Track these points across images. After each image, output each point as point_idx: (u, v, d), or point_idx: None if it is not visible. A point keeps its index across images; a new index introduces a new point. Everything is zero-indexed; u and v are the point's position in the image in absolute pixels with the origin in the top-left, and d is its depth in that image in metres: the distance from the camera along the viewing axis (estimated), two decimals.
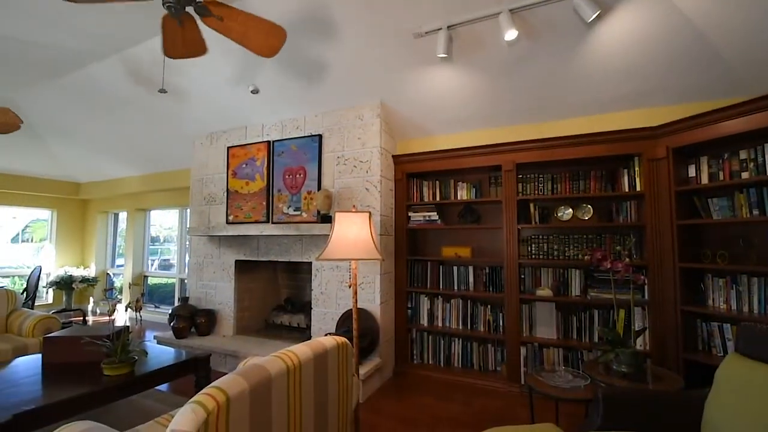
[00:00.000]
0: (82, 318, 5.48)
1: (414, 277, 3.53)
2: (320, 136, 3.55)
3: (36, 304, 5.16)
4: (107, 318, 5.86)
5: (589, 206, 3.01)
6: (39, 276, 5.01)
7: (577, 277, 2.99)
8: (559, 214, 3.07)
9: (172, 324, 3.78)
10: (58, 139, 5.30)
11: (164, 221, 6.45)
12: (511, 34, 2.31)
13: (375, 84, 3.14)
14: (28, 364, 2.34)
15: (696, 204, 2.60)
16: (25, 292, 4.96)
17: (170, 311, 3.94)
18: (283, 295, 4.48)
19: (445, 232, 3.62)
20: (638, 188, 2.79)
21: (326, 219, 3.31)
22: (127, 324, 3.73)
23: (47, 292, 6.23)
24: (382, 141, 3.33)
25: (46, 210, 6.44)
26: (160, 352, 2.55)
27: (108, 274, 6.64)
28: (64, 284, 5.79)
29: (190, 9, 1.78)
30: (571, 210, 3.04)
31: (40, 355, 2.48)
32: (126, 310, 5.35)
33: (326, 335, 1.75)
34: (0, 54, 3.38)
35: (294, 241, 3.61)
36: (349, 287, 3.18)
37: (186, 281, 5.51)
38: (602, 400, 1.66)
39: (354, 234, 1.99)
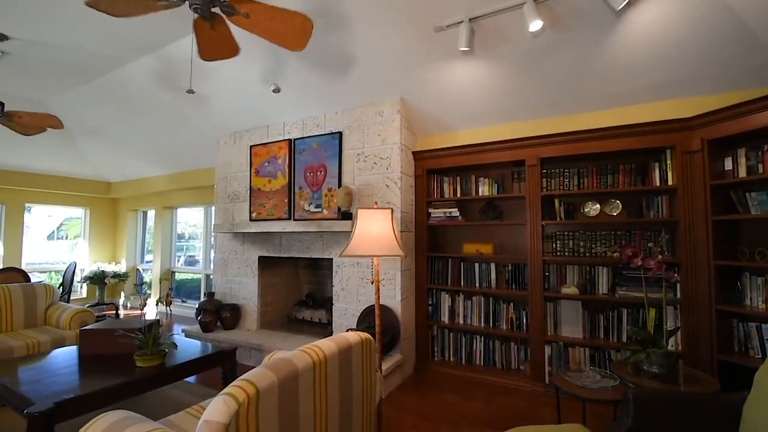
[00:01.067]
0: (114, 311, 5.71)
1: (434, 273, 3.51)
2: (340, 134, 3.56)
3: (71, 298, 5.42)
4: (138, 312, 6.10)
5: (617, 201, 2.91)
6: (74, 271, 5.25)
7: (604, 275, 2.91)
8: (585, 210, 2.99)
9: (199, 318, 3.90)
10: (90, 140, 5.52)
11: (189, 219, 6.65)
12: (535, 25, 2.25)
13: (395, 80, 3.12)
14: (66, 355, 2.45)
15: (732, 198, 2.47)
16: (61, 287, 5.21)
17: (197, 306, 4.05)
18: (304, 291, 4.54)
19: (466, 228, 3.58)
20: (670, 182, 2.68)
21: (347, 216, 3.33)
22: (158, 318, 3.86)
23: (81, 287, 6.53)
24: (402, 137, 3.32)
25: (80, 208, 6.74)
26: (188, 345, 2.63)
27: (138, 269, 6.90)
28: (97, 279, 6.06)
29: (216, 9, 1.81)
30: (598, 205, 2.95)
31: (75, 347, 2.61)
32: (156, 305, 5.55)
33: (347, 331, 1.76)
34: (36, 59, 3.55)
35: (315, 238, 3.65)
36: (371, 284, 3.19)
37: (211, 277, 5.66)
38: (633, 401, 1.61)
39: (376, 230, 1.99)
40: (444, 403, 2.77)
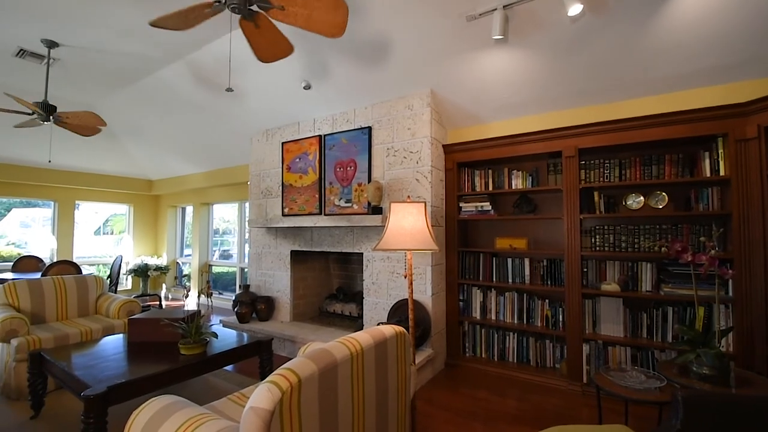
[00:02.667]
0: (158, 302, 6.03)
1: (465, 268, 3.46)
2: (370, 128, 3.57)
3: (118, 289, 5.76)
4: (179, 302, 6.41)
5: (663, 194, 2.75)
6: (120, 264, 5.57)
7: (648, 271, 2.76)
8: (628, 203, 2.84)
9: (235, 309, 4.04)
10: (132, 139, 5.82)
11: (223, 215, 6.90)
12: (575, 9, 2.15)
13: (425, 72, 3.08)
14: (115, 342, 2.61)
15: None
16: (109, 279, 5.54)
17: (233, 297, 4.20)
18: (334, 285, 4.61)
19: (499, 222, 3.50)
20: (722, 172, 2.50)
21: (377, 210, 3.33)
22: (198, 308, 4.04)
23: (127, 279, 6.93)
24: (432, 131, 3.28)
25: (124, 205, 7.14)
26: (226, 335, 2.73)
27: (177, 263, 7.24)
28: (141, 272, 6.43)
29: (254, 6, 1.84)
30: (642, 198, 2.80)
31: (122, 335, 2.77)
32: (198, 296, 5.81)
33: (378, 325, 1.77)
34: (83, 64, 3.76)
35: (345, 233, 3.69)
36: (405, 278, 3.19)
37: (246, 270, 5.86)
38: (683, 403, 1.52)
39: (410, 224, 1.98)
40: (476, 399, 2.74)
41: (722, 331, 2.05)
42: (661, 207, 2.75)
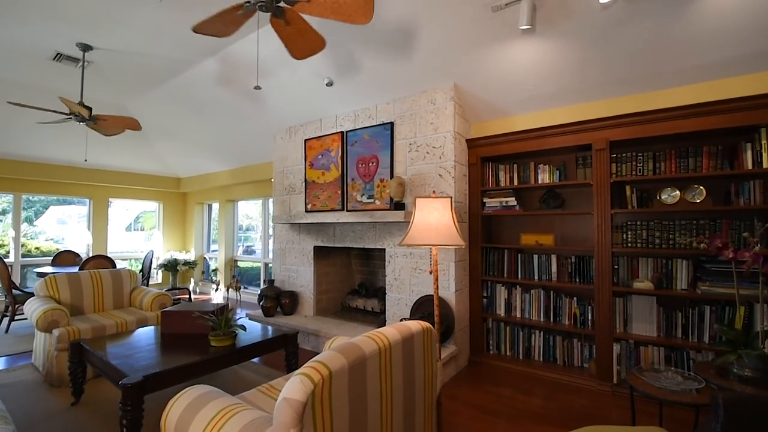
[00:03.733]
0: (188, 296, 6.24)
1: (489, 265, 3.41)
2: (392, 124, 3.55)
3: (149, 283, 5.99)
4: (206, 296, 6.61)
5: (701, 187, 2.62)
6: (152, 259, 5.78)
7: (684, 269, 2.65)
8: (663, 197, 2.73)
9: (261, 303, 4.13)
10: (162, 139, 6.01)
11: (247, 211, 7.07)
12: None
13: (448, 66, 3.04)
14: (148, 333, 2.72)
15: None
16: (141, 273, 5.77)
17: (259, 292, 4.29)
18: (356, 280, 4.64)
19: (524, 218, 3.43)
20: (766, 165, 2.36)
21: (399, 206, 3.33)
22: (227, 302, 4.15)
23: (157, 273, 7.19)
24: (456, 125, 3.23)
25: (154, 202, 7.40)
26: (253, 328, 2.79)
27: (205, 257, 7.46)
28: (171, 266, 6.66)
29: (281, 3, 1.85)
30: (678, 192, 2.68)
31: (154, 327, 2.87)
32: (227, 290, 5.98)
33: (401, 320, 1.77)
34: (115, 66, 3.91)
35: (368, 228, 3.70)
36: (430, 273, 3.17)
37: (270, 265, 5.98)
38: (724, 406, 1.45)
39: (435, 219, 1.97)
40: (501, 396, 2.71)
41: (766, 331, 1.95)
42: (698, 201, 2.62)
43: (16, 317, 4.30)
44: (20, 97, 4.06)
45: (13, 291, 4.26)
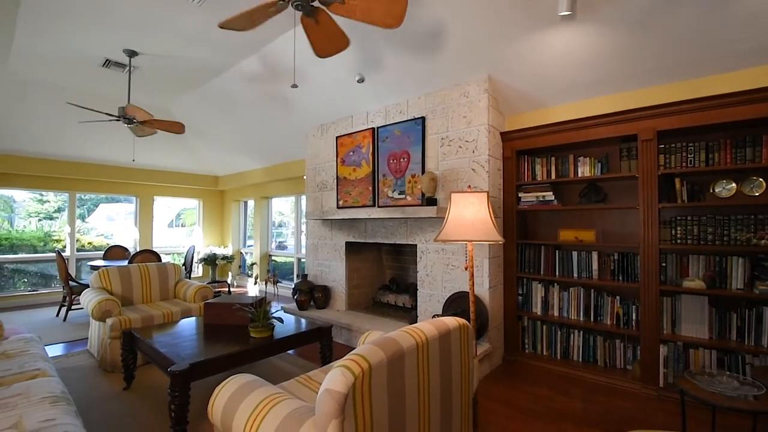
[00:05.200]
0: (227, 288, 6.51)
1: (525, 262, 3.32)
2: (423, 119, 3.52)
3: (191, 276, 6.29)
4: (243, 289, 6.87)
5: (760, 179, 2.42)
6: (193, 254, 6.07)
7: (740, 267, 2.46)
8: (716, 190, 2.54)
9: (295, 297, 4.24)
10: (200, 138, 6.27)
11: (279, 208, 7.27)
12: None
13: (482, 57, 2.96)
14: (191, 324, 2.85)
15: None
16: (183, 266, 6.07)
17: (293, 286, 4.41)
18: (387, 276, 4.66)
19: (562, 213, 3.31)
20: None
21: (431, 202, 3.30)
22: (266, 295, 4.30)
23: (198, 267, 7.54)
24: (490, 118, 3.16)
25: (194, 200, 7.75)
26: (290, 321, 2.87)
27: (241, 252, 7.75)
28: (210, 261, 6.97)
29: (315, 3, 1.88)
30: (734, 185, 2.49)
31: (195, 318, 3.01)
32: (265, 284, 6.20)
33: (434, 317, 1.75)
34: (157, 70, 4.10)
35: (399, 224, 3.70)
36: (465, 269, 3.13)
37: (302, 260, 6.12)
38: None
39: (471, 215, 1.93)
40: (537, 396, 2.64)
41: None
42: (757, 194, 2.43)
43: (73, 307, 4.65)
44: (75, 102, 4.36)
45: (70, 282, 4.61)
